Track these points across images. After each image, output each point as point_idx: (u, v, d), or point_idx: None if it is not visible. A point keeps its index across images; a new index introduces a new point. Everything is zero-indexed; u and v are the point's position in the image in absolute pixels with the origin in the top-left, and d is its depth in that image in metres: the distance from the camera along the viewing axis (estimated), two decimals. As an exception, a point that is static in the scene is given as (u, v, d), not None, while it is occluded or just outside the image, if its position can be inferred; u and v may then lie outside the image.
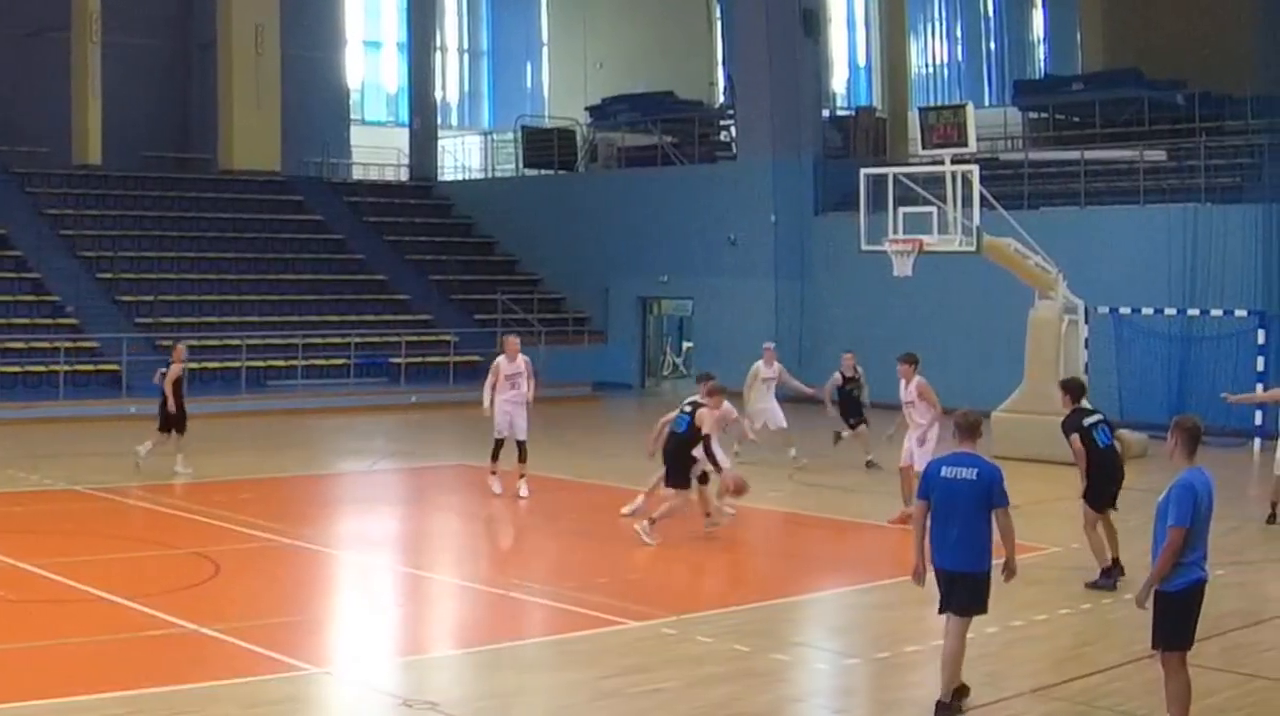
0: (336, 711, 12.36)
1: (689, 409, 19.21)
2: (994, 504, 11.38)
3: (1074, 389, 16.79)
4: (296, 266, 42.53)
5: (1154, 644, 10.71)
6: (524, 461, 22.54)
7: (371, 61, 56.38)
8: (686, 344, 46.87)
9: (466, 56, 59.48)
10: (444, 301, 43.57)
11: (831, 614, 16.21)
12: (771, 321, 39.18)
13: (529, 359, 22.97)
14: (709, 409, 19.07)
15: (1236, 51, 35.95)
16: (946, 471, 11.54)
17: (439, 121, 53.86)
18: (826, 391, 26.47)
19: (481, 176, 52.67)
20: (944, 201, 26.30)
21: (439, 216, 48.82)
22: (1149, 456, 24.30)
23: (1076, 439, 16.21)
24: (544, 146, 49.47)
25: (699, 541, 19.48)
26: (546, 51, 58.13)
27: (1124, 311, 31.34)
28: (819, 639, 14.97)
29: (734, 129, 44.75)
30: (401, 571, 18.11)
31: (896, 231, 26.80)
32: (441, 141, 53.40)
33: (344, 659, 13.73)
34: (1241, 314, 30.47)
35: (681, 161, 44.18)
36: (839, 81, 53.78)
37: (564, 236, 45.19)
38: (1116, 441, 16.68)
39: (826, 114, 44.69)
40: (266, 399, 35.81)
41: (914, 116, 35.28)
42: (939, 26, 54.75)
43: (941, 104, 41.39)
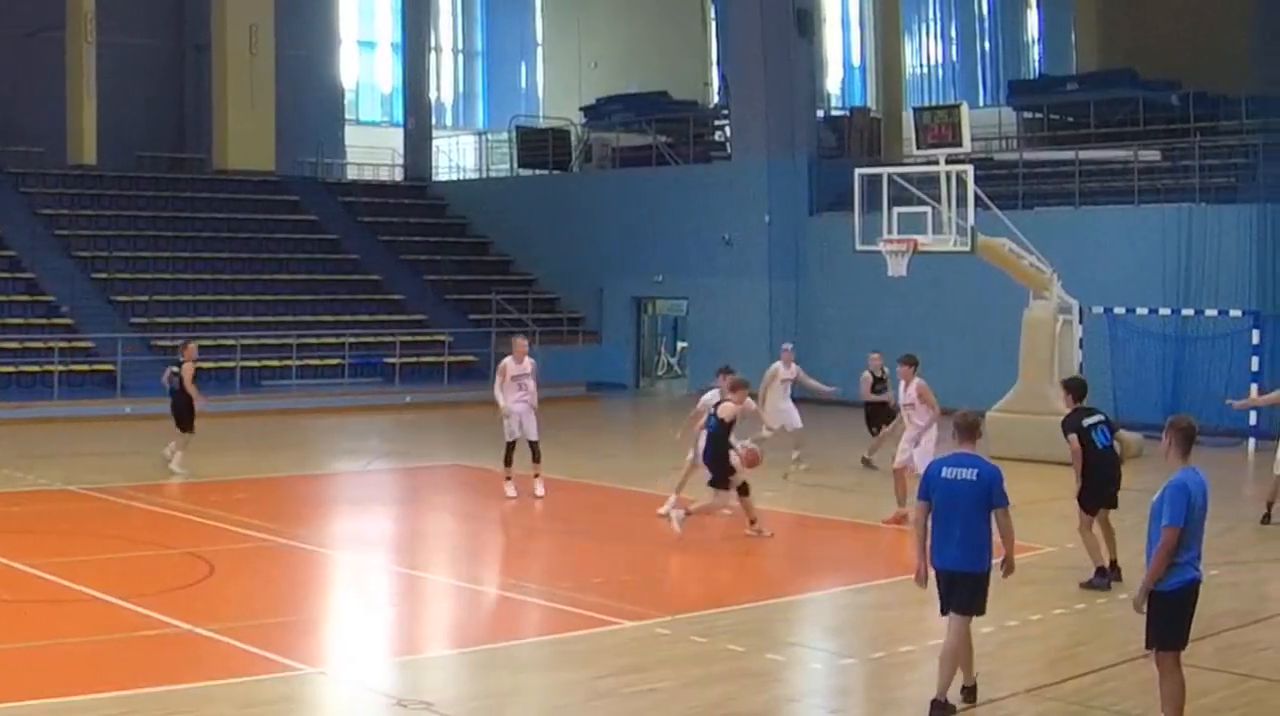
0: (331, 711, 12.36)
1: (714, 410, 19.39)
2: (994, 504, 11.41)
3: (1076, 388, 16.80)
4: (291, 266, 42.51)
5: (1148, 643, 10.72)
6: (538, 461, 22.56)
7: (366, 61, 56.32)
8: (681, 344, 46.80)
9: (461, 56, 59.43)
10: (438, 301, 43.56)
11: (827, 614, 16.21)
12: (766, 321, 39.20)
13: (534, 361, 23.00)
14: (733, 402, 19.21)
15: (1231, 51, 35.99)
16: (947, 472, 11.56)
17: (433, 121, 53.76)
18: (863, 393, 26.45)
19: (476, 176, 52.60)
20: (939, 201, 26.30)
21: (433, 216, 48.79)
22: (1144, 456, 24.30)
23: (1074, 439, 16.18)
24: (538, 146, 49.44)
25: (694, 542, 19.50)
26: (541, 51, 58.06)
27: (1119, 311, 31.34)
28: (814, 639, 14.98)
29: (728, 129, 44.76)
30: (396, 571, 18.11)
31: (891, 231, 26.80)
32: (436, 141, 53.33)
33: (339, 659, 13.74)
34: (1236, 314, 30.46)
35: (676, 161, 44.17)
36: (834, 81, 53.85)
37: (559, 236, 45.17)
38: (1117, 442, 16.68)
39: (821, 114, 44.71)
40: (261, 399, 35.79)
41: (909, 116, 35.36)
42: (933, 26, 54.79)
43: (936, 104, 41.33)
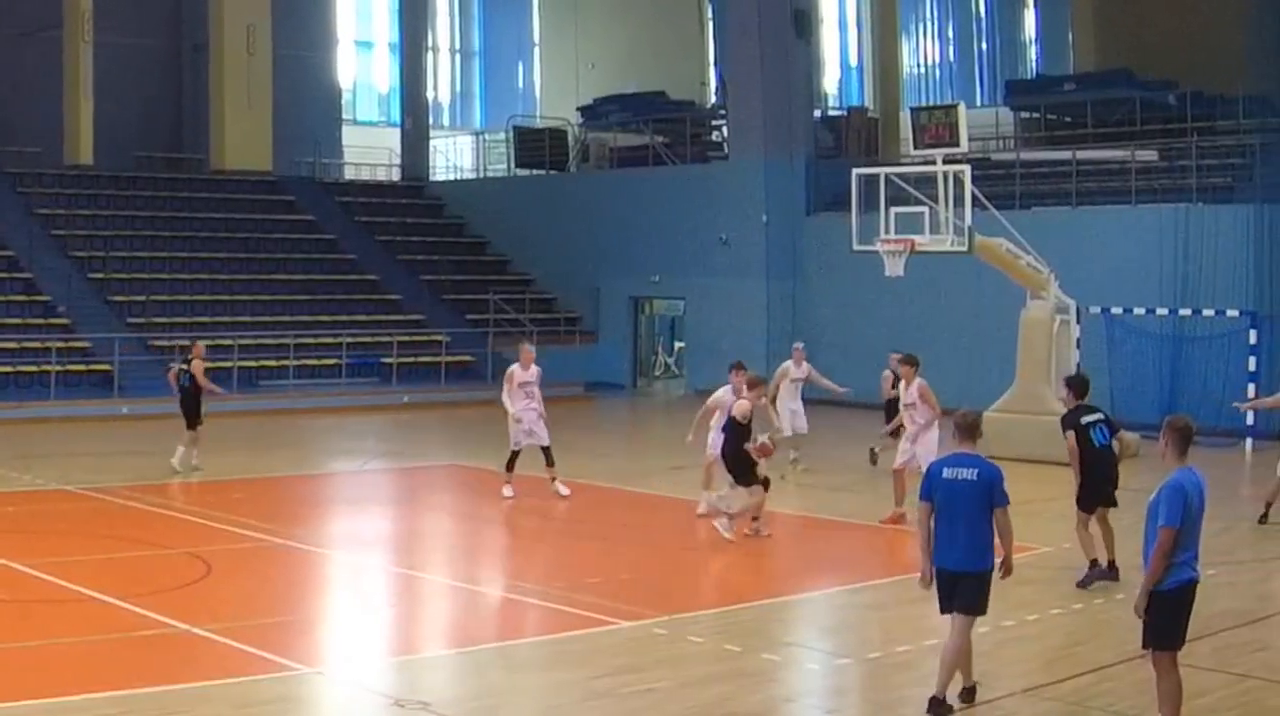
0: (328, 711, 12.36)
1: (730, 411, 19.34)
2: (994, 503, 11.46)
3: (1077, 386, 16.90)
4: (288, 266, 42.50)
5: (1145, 643, 10.72)
6: (553, 465, 22.66)
7: (363, 61, 56.31)
8: (678, 344, 46.84)
9: (458, 56, 59.41)
10: (435, 301, 43.54)
11: (823, 614, 16.20)
12: (763, 321, 39.19)
13: (540, 370, 22.97)
14: (747, 400, 19.19)
15: (1228, 51, 36.01)
16: (948, 472, 11.61)
17: (430, 121, 53.80)
18: (884, 392, 25.19)
19: (473, 176, 52.58)
20: (936, 201, 26.31)
21: (431, 216, 48.78)
22: (1141, 456, 24.30)
23: (1071, 436, 16.26)
24: (536, 146, 49.43)
25: (691, 542, 19.51)
26: (538, 51, 58.05)
27: (1116, 311, 31.33)
28: (810, 639, 14.98)
29: (725, 129, 44.75)
30: (393, 571, 18.11)
31: (888, 231, 26.80)
32: (433, 141, 53.33)
33: (336, 659, 13.74)
34: (1233, 314, 30.47)
35: (673, 162, 44.15)
36: (831, 82, 53.86)
37: (556, 236, 45.16)
38: (1116, 442, 16.70)
39: (818, 114, 44.71)
40: (258, 399, 35.75)
41: (906, 116, 35.32)
42: (931, 26, 54.83)
43: (933, 104, 41.45)
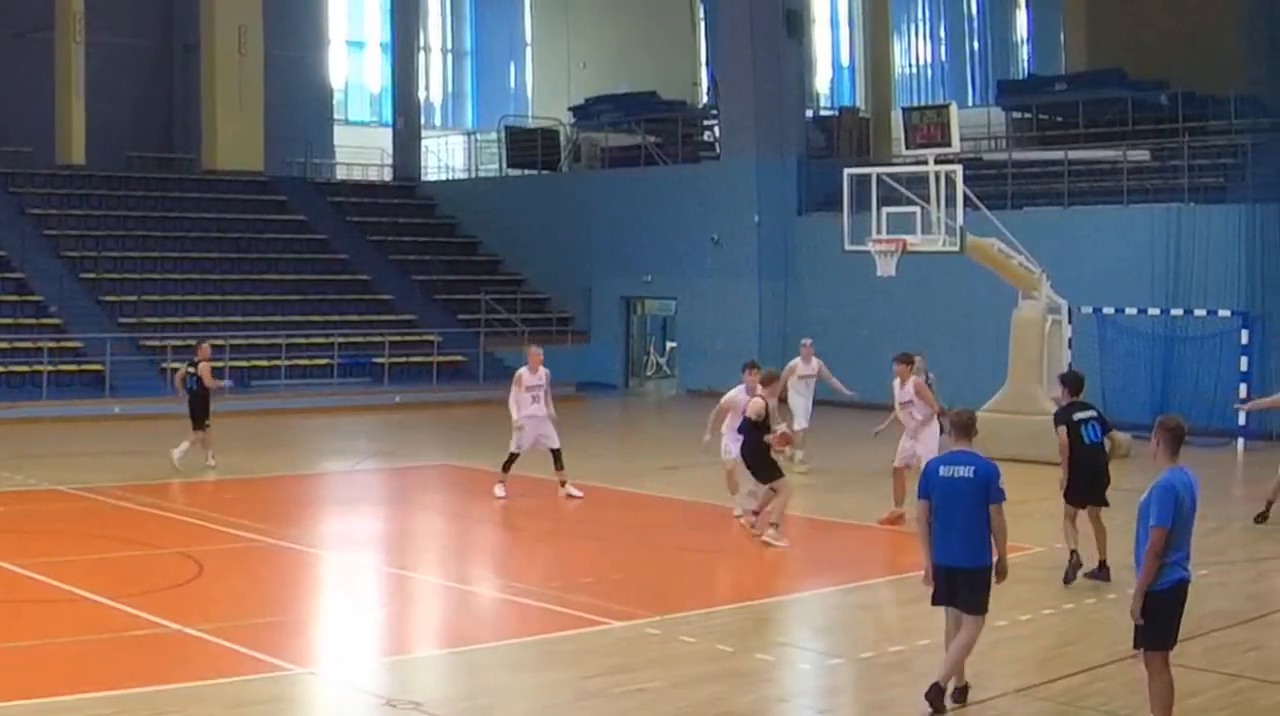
0: (321, 711, 12.35)
1: (745, 411, 19.31)
2: (990, 499, 11.50)
3: (1071, 382, 17.09)
4: (280, 266, 42.46)
5: (1136, 643, 10.72)
6: (562, 468, 22.67)
7: (355, 61, 56.31)
8: (670, 344, 46.82)
9: (450, 56, 59.43)
10: (427, 301, 43.51)
11: (816, 614, 16.20)
12: (755, 321, 39.20)
13: (549, 372, 22.92)
14: (761, 397, 19.16)
15: (1220, 51, 35.99)
16: (944, 470, 11.67)
17: (422, 121, 53.76)
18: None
19: (465, 176, 52.60)
20: (927, 201, 26.32)
21: (422, 216, 48.75)
22: (1133, 456, 24.31)
23: (1063, 431, 16.42)
24: (527, 146, 49.42)
25: (683, 542, 19.51)
26: (530, 51, 58.04)
27: (1107, 311, 31.34)
28: (803, 639, 14.98)
29: (717, 129, 44.71)
30: (385, 571, 18.09)
31: (880, 231, 26.82)
32: (425, 141, 53.30)
33: (328, 659, 13.73)
34: (1225, 314, 30.48)
35: (665, 161, 44.15)
36: (822, 81, 53.78)
37: (548, 236, 45.15)
38: (1108, 440, 16.77)
39: (810, 114, 44.68)
40: (250, 399, 35.67)
41: (897, 116, 35.29)
42: (922, 26, 54.79)
43: (925, 104, 41.41)
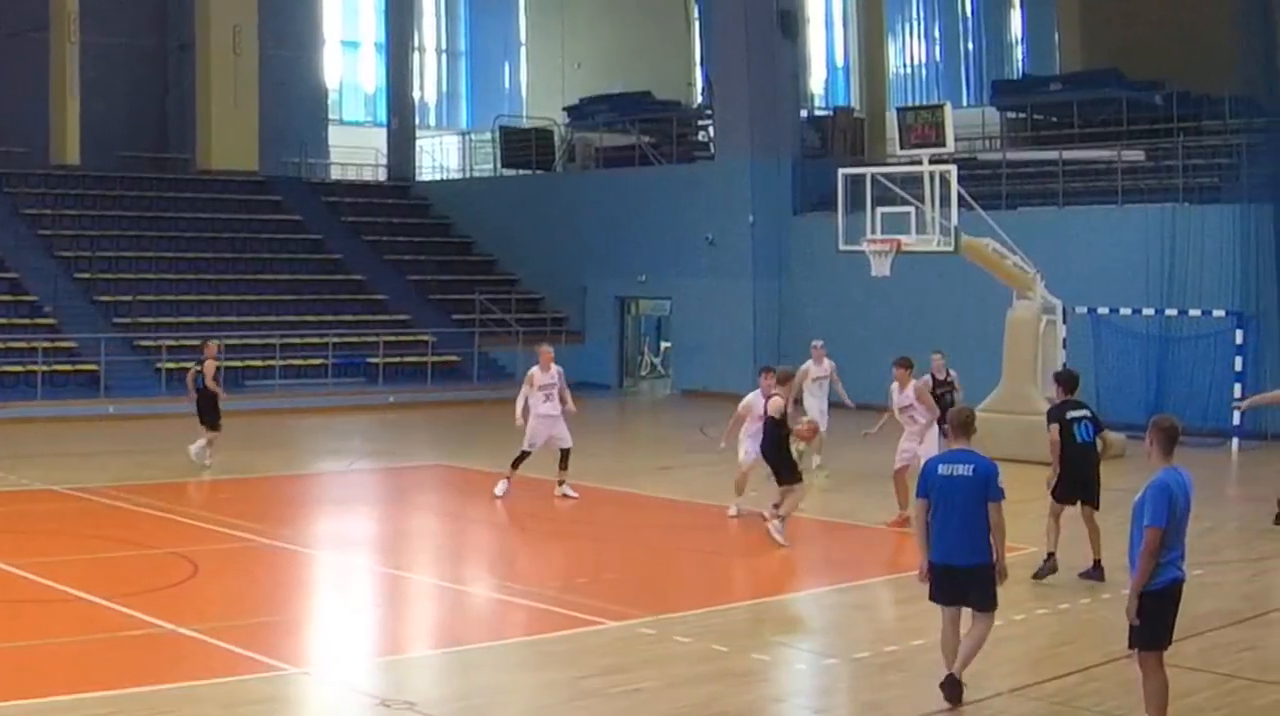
0: (315, 711, 12.35)
1: (766, 410, 19.32)
2: (989, 497, 11.53)
3: (1066, 381, 17.21)
4: (274, 266, 42.45)
5: (1131, 643, 10.72)
6: (566, 468, 22.65)
7: (349, 61, 56.27)
8: (664, 344, 46.81)
9: (444, 56, 59.38)
10: (422, 301, 43.51)
11: (811, 614, 16.22)
12: (750, 322, 39.22)
13: (561, 369, 22.91)
14: (779, 397, 19.19)
15: (1215, 51, 35.95)
16: (944, 468, 11.69)
17: (417, 121, 53.70)
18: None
19: (459, 176, 52.54)
20: (922, 201, 26.33)
21: (417, 216, 48.73)
22: (1127, 456, 24.33)
23: (1055, 429, 16.51)
24: (522, 146, 49.39)
25: (678, 542, 19.51)
26: (524, 51, 58.02)
27: (1102, 311, 31.38)
28: (798, 639, 14.98)
29: (712, 129, 44.75)
30: (380, 571, 18.09)
31: (875, 231, 26.83)
32: (419, 141, 53.26)
33: (323, 659, 13.73)
34: (1219, 314, 30.50)
35: (659, 161, 44.15)
36: (817, 82, 53.84)
37: (542, 236, 45.13)
38: (1100, 441, 16.79)
39: (804, 114, 44.67)
40: (244, 399, 35.56)
41: (892, 116, 35.39)
42: (917, 27, 54.82)
43: (919, 104, 41.32)
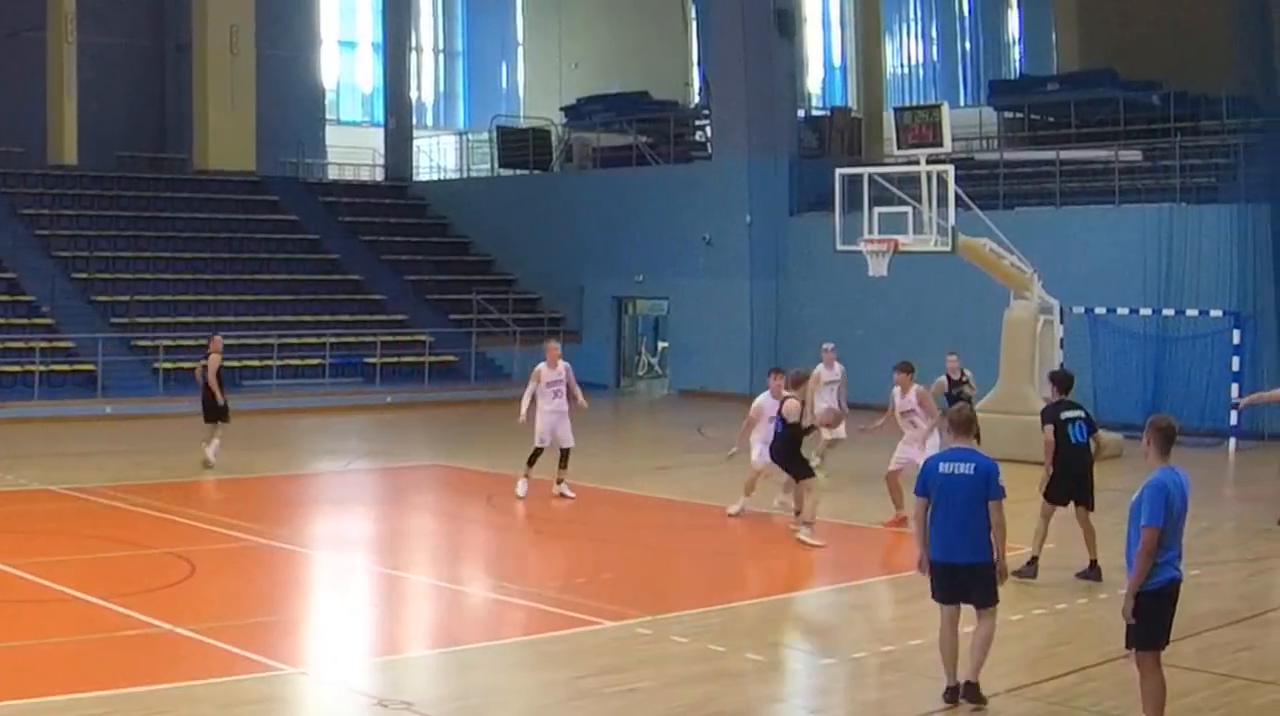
0: (313, 711, 12.34)
1: (780, 412, 19.34)
2: (990, 495, 11.54)
3: (1061, 381, 17.24)
4: (272, 266, 42.43)
5: (1128, 643, 10.73)
6: (565, 468, 22.62)
7: (347, 61, 56.26)
8: (662, 344, 46.84)
9: (442, 56, 59.37)
10: (419, 301, 43.50)
11: (808, 614, 16.23)
12: (747, 322, 39.21)
13: (569, 365, 22.88)
14: (794, 399, 19.23)
15: (1212, 51, 35.96)
16: (944, 467, 11.71)
17: (414, 121, 53.73)
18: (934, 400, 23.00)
19: (457, 176, 52.51)
20: (919, 201, 26.32)
21: (414, 216, 48.72)
22: (1124, 456, 24.33)
23: (1049, 429, 16.51)
24: (519, 146, 49.38)
25: (675, 542, 19.51)
26: (521, 51, 58.05)
27: (1099, 311, 31.37)
28: (795, 639, 14.99)
29: (709, 129, 44.75)
30: (377, 571, 18.08)
31: (872, 231, 26.82)
32: (417, 141, 53.25)
33: (320, 659, 13.72)
34: (1217, 314, 30.52)
35: (657, 161, 44.14)
36: (814, 82, 53.88)
37: (539, 236, 45.12)
38: (1094, 441, 16.81)
39: (802, 114, 44.69)
40: (242, 399, 35.35)
41: (889, 116, 35.29)
42: (914, 26, 54.89)
43: (917, 104, 41.43)
